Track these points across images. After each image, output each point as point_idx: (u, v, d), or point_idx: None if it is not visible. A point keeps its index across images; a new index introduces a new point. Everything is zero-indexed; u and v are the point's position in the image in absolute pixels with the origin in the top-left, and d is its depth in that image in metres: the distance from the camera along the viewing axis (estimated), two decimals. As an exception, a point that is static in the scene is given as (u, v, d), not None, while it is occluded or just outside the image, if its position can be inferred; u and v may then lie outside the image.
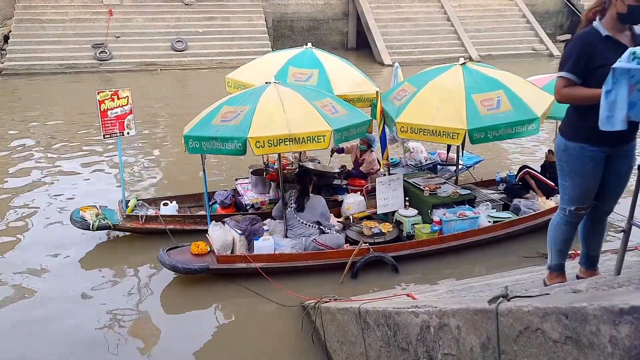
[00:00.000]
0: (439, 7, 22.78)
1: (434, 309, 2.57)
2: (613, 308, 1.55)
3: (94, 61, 18.57)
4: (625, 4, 2.83)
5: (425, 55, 20.08)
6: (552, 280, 3.31)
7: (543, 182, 6.92)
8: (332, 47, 21.39)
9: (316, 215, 5.95)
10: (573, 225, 3.23)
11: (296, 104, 5.63)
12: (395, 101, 6.36)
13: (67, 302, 5.34)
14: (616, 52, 2.74)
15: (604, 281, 2.62)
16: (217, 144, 5.35)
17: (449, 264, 5.93)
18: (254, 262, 5.48)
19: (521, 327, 1.93)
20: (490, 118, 5.69)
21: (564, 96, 3.01)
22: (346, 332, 3.86)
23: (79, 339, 4.79)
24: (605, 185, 3.10)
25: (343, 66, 7.39)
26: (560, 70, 3.01)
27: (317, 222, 5.98)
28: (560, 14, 25.25)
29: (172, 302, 5.44)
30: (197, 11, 20.89)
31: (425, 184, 6.57)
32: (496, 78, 6.11)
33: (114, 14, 19.80)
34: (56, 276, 5.82)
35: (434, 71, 6.50)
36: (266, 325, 5.10)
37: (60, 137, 11.12)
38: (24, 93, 15.92)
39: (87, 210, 6.47)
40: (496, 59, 19.68)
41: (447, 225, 6.01)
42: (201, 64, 19.35)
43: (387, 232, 6.07)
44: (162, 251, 5.60)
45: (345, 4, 23.05)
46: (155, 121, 12.53)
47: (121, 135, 6.62)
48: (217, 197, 7.05)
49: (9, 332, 4.87)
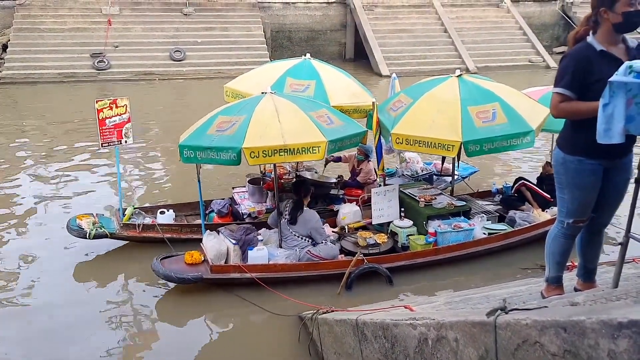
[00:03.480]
0: (437, 18, 22.95)
1: (432, 321, 2.56)
2: (612, 322, 1.55)
3: (93, 70, 18.60)
4: (619, 13, 2.86)
5: (423, 67, 20.17)
6: (549, 293, 3.30)
7: (539, 194, 6.93)
8: (330, 57, 21.48)
9: (308, 229, 5.89)
10: (571, 238, 3.23)
11: (292, 114, 5.62)
12: (391, 112, 6.37)
13: (60, 311, 5.30)
14: (611, 66, 2.75)
15: (601, 294, 2.61)
16: (212, 153, 5.34)
17: (444, 275, 5.91)
18: (249, 272, 5.45)
19: (519, 340, 1.92)
20: (486, 130, 5.69)
21: (560, 111, 3.01)
22: (343, 344, 3.84)
23: (70, 348, 4.74)
24: (602, 198, 3.10)
25: (340, 77, 7.40)
26: (555, 86, 3.01)
27: (309, 236, 5.93)
28: (556, 26, 25.46)
29: (167, 312, 5.40)
30: (196, 21, 20.98)
31: (421, 195, 6.57)
32: (492, 90, 6.13)
33: (112, 23, 19.86)
34: (51, 284, 5.78)
35: (430, 82, 6.51)
36: (262, 336, 5.06)
37: (58, 145, 11.10)
38: (22, 102, 15.92)
39: (84, 219, 6.44)
40: (493, 71, 19.79)
41: (442, 237, 5.99)
42: (199, 73, 19.40)
43: (382, 243, 6.05)
44: (156, 260, 5.57)
45: (343, 15, 23.19)
46: (153, 130, 12.53)
47: (119, 144, 6.63)
48: (214, 205, 7.03)
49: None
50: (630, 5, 2.83)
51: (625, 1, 2.82)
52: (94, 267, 6.21)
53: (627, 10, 2.83)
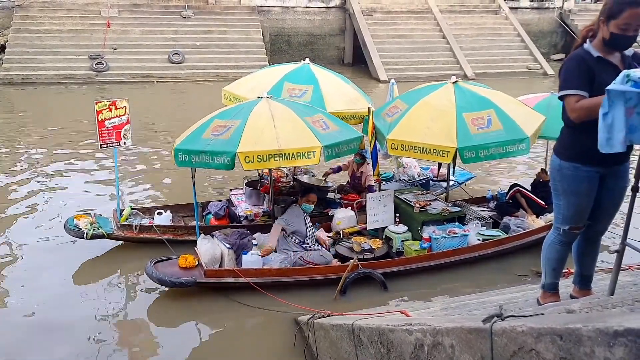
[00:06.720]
0: (435, 24, 23.04)
1: (427, 327, 2.55)
2: (608, 330, 1.55)
3: (91, 72, 18.61)
4: (609, 31, 2.89)
5: (421, 72, 20.25)
6: (545, 300, 3.30)
7: (533, 200, 6.94)
8: (328, 62, 21.55)
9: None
10: (567, 245, 3.23)
11: (287, 119, 5.61)
12: (386, 118, 6.38)
13: (54, 311, 5.29)
14: (609, 72, 2.78)
15: (597, 301, 2.61)
16: (206, 158, 5.32)
17: (438, 281, 5.90)
18: (243, 276, 5.43)
19: (515, 347, 1.92)
20: (481, 137, 5.70)
21: (580, 110, 2.85)
22: (339, 349, 3.83)
23: (64, 349, 4.71)
24: (599, 206, 3.11)
25: (338, 83, 7.41)
26: (565, 89, 2.94)
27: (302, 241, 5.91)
28: (554, 33, 25.61)
29: (161, 315, 5.37)
30: (195, 24, 21.03)
31: (416, 201, 6.58)
32: (487, 97, 6.14)
33: (111, 25, 19.87)
34: (46, 284, 5.77)
35: (426, 89, 6.53)
36: (257, 341, 5.04)
37: (56, 146, 11.10)
38: (20, 102, 15.90)
39: (81, 219, 6.45)
40: (491, 77, 19.86)
41: (436, 243, 6.00)
42: (198, 76, 19.43)
43: (377, 248, 6.05)
44: (150, 264, 5.54)
45: (342, 20, 23.28)
46: (151, 132, 12.53)
47: (117, 145, 6.65)
48: (211, 207, 7.03)
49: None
50: (621, 29, 2.85)
51: (619, 23, 2.84)
52: (90, 268, 6.20)
53: (615, 32, 2.87)
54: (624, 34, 2.86)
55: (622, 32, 2.85)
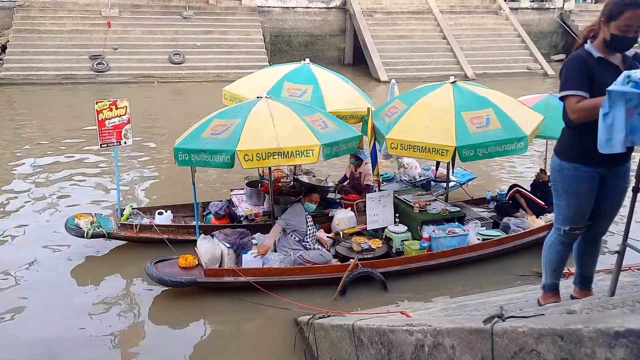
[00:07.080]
0: (435, 25, 23.04)
1: (428, 328, 2.55)
2: (609, 331, 1.54)
3: (91, 72, 18.62)
4: (609, 32, 2.89)
5: (421, 73, 20.24)
6: (546, 300, 3.30)
7: (533, 201, 6.95)
8: (328, 62, 21.54)
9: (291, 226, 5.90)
10: (568, 245, 3.23)
11: (286, 118, 5.64)
12: (386, 118, 6.40)
13: (54, 310, 5.29)
14: (610, 73, 2.78)
15: (598, 302, 2.61)
16: (206, 156, 5.35)
17: (438, 281, 5.89)
18: (243, 276, 5.43)
19: (516, 348, 1.92)
20: (480, 136, 5.71)
21: (580, 111, 2.86)
22: (340, 350, 3.82)
23: (62, 349, 4.71)
24: (599, 206, 3.10)
25: (338, 82, 7.41)
26: (565, 90, 2.94)
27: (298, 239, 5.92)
28: (554, 34, 25.61)
29: (160, 315, 5.36)
30: (195, 25, 21.04)
31: (415, 201, 6.58)
32: (486, 97, 6.15)
33: (112, 25, 19.89)
34: (47, 283, 5.78)
35: (425, 89, 6.54)
36: (257, 341, 5.03)
37: (56, 145, 11.11)
38: (20, 102, 15.91)
39: (82, 218, 6.46)
40: (491, 78, 19.87)
41: (436, 242, 6.00)
42: (198, 77, 19.44)
43: (377, 248, 6.05)
44: (150, 264, 5.54)
45: (343, 21, 23.28)
46: (152, 132, 12.53)
47: (118, 145, 6.65)
48: (212, 207, 7.03)
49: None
50: (621, 30, 2.85)
51: (619, 24, 2.84)
52: (90, 267, 6.20)
53: (615, 34, 2.86)
54: (624, 35, 2.86)
55: (623, 33, 2.85)
